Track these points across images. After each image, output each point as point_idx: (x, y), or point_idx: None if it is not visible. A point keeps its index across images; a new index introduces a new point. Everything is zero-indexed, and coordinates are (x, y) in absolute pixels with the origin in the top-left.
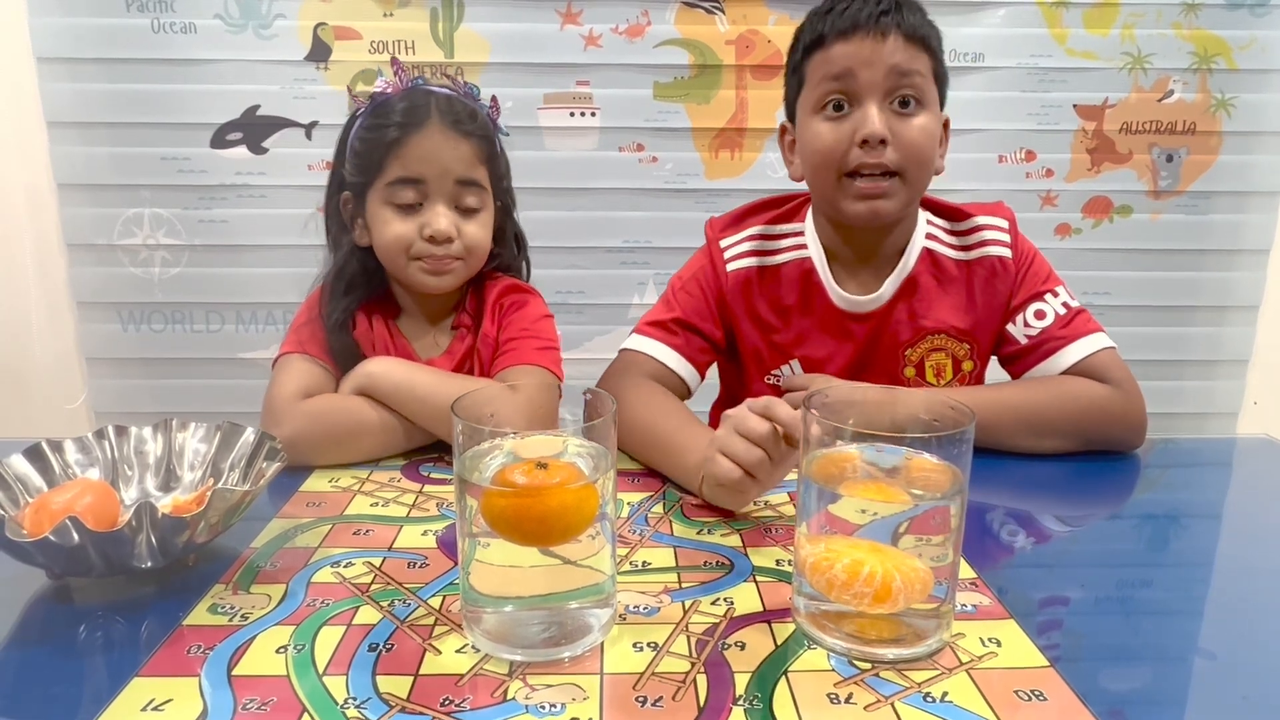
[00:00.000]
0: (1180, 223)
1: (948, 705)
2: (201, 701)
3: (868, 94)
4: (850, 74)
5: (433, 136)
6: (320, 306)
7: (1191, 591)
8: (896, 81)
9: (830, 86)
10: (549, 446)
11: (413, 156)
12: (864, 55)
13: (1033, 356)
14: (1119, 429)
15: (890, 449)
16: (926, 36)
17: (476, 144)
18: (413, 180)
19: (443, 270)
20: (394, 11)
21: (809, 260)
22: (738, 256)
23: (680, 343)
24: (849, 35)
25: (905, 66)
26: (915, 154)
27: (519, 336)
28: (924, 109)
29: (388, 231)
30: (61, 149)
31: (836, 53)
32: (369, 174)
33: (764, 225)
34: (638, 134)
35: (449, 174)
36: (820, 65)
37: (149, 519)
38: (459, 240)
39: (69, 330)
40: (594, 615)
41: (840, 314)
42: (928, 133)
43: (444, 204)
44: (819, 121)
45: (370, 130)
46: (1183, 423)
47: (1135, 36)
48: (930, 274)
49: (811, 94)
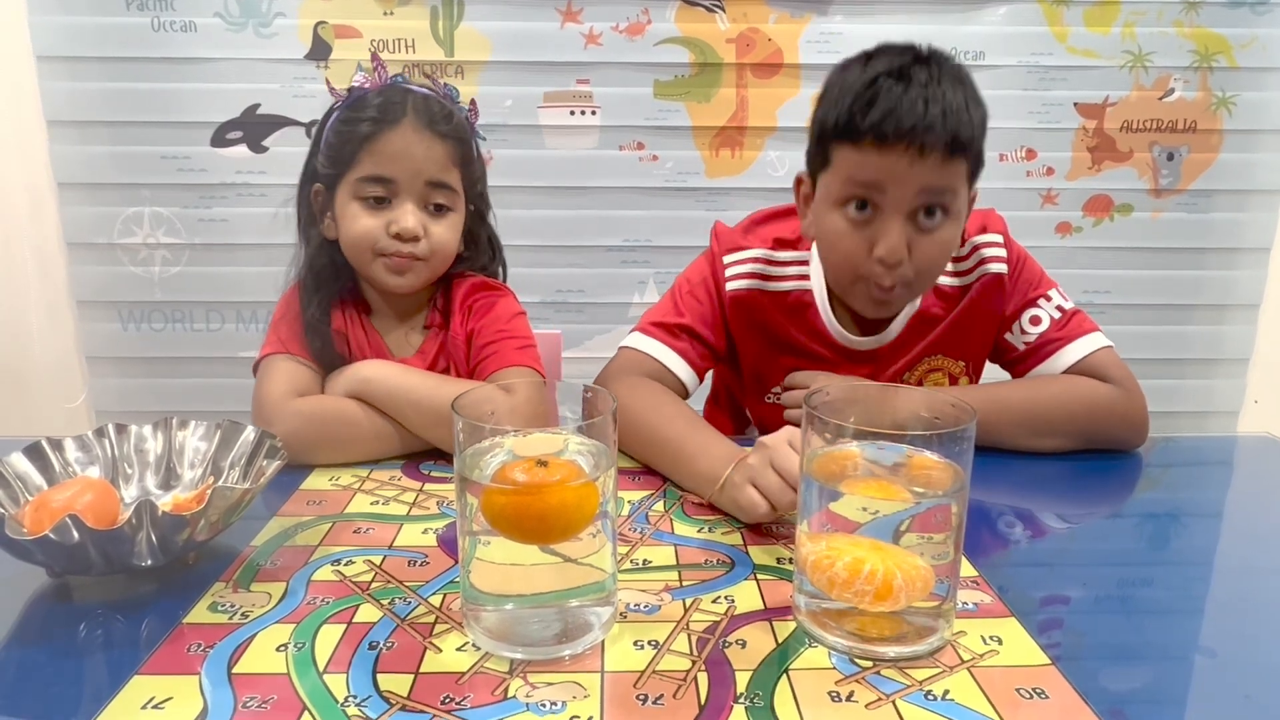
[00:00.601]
0: (1181, 221)
1: (949, 703)
2: (202, 700)
3: (893, 209)
4: (878, 185)
5: (406, 135)
6: (300, 302)
7: (1192, 590)
8: (926, 199)
9: (856, 190)
10: (550, 444)
11: (385, 153)
12: (897, 172)
13: (1032, 360)
14: (1120, 427)
15: (892, 447)
16: (969, 141)
17: (450, 146)
18: (383, 177)
19: (404, 269)
20: (394, 10)
21: (810, 294)
22: (738, 276)
23: (683, 347)
24: (885, 147)
25: (938, 185)
26: (929, 268)
27: (497, 339)
28: (950, 219)
29: (354, 226)
30: (61, 148)
31: (869, 160)
32: (340, 166)
33: (768, 249)
34: (638, 132)
35: (420, 174)
36: (849, 162)
37: (149, 517)
38: (425, 240)
39: (69, 329)
40: (595, 613)
41: (842, 351)
42: (947, 247)
43: (413, 202)
44: (839, 217)
45: (345, 123)
46: (1183, 421)
47: (1136, 35)
48: (936, 307)
49: (835, 184)
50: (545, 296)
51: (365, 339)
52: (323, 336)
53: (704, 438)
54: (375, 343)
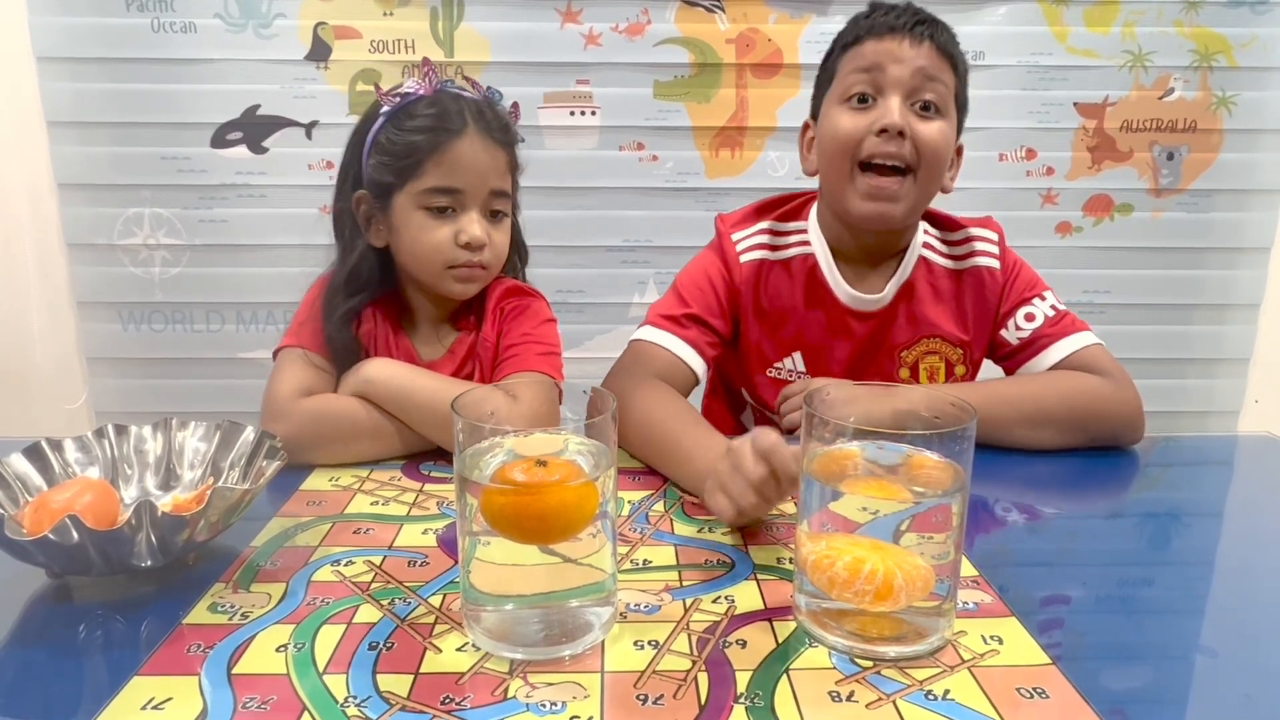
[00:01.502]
0: (1181, 221)
1: (949, 703)
2: (201, 700)
3: (892, 89)
4: (879, 67)
5: (472, 144)
6: (324, 303)
7: (1193, 589)
8: (921, 83)
9: (858, 78)
10: (550, 445)
11: (452, 163)
12: (894, 52)
13: (1023, 354)
14: (1113, 419)
15: (892, 446)
16: (955, 58)
17: (508, 153)
18: (452, 189)
19: (473, 278)
20: (394, 10)
21: (813, 256)
22: (750, 249)
23: (692, 336)
24: (883, 35)
25: (932, 72)
26: (930, 152)
27: (521, 342)
28: (943, 117)
29: (425, 238)
30: (61, 149)
31: (868, 48)
32: (402, 176)
33: (772, 221)
34: (638, 133)
35: (485, 183)
36: (851, 60)
37: (149, 518)
38: (489, 248)
39: (69, 330)
40: (595, 613)
41: (844, 310)
42: (944, 136)
43: (478, 210)
44: (842, 111)
45: (404, 131)
46: (1184, 421)
47: (1136, 34)
48: (926, 280)
49: (839, 85)
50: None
51: (393, 341)
52: (344, 339)
53: (698, 437)
54: (403, 345)
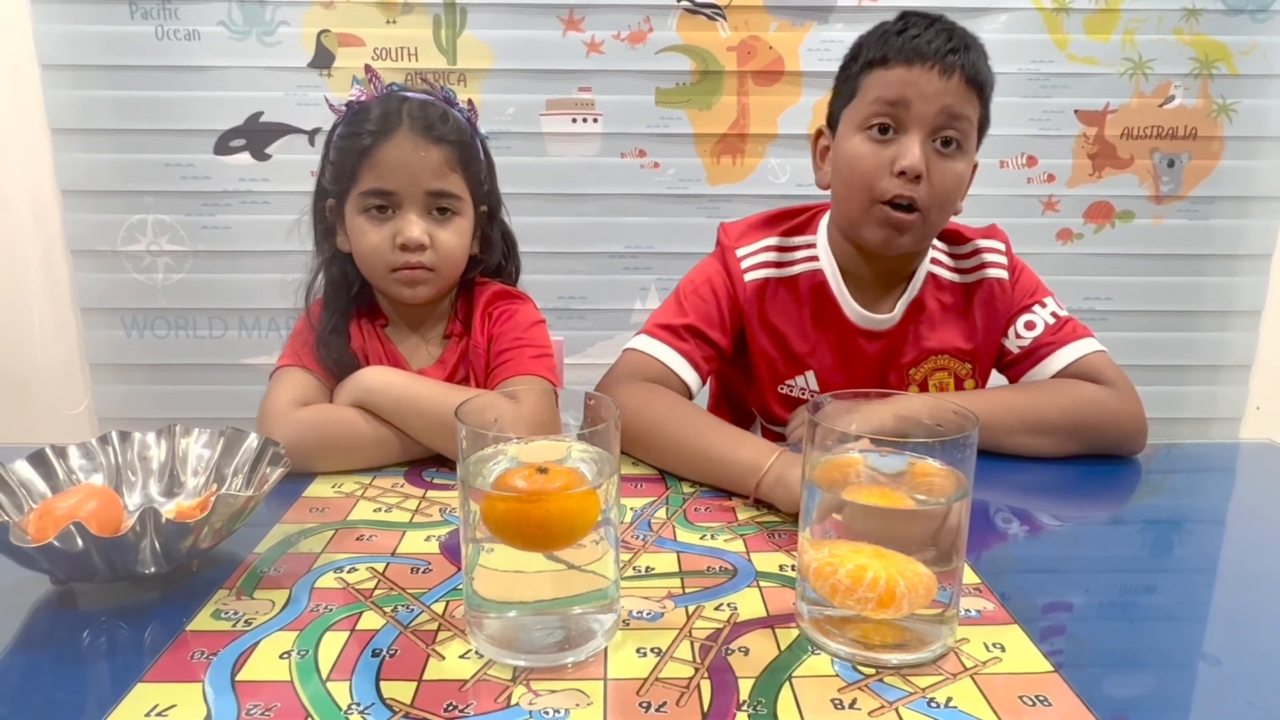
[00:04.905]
0: (1182, 228)
1: (952, 711)
2: (205, 707)
3: (915, 125)
4: (903, 103)
5: (402, 144)
6: (318, 318)
7: (1195, 597)
8: (945, 121)
9: (881, 108)
10: (552, 452)
11: (382, 165)
12: (921, 86)
13: (1025, 363)
14: (1116, 428)
15: (894, 454)
16: (984, 84)
17: (448, 150)
18: (383, 190)
19: (416, 281)
20: (396, 19)
21: (821, 274)
22: (755, 267)
23: (688, 348)
24: (913, 63)
25: (957, 110)
26: (943, 197)
27: (513, 346)
28: (963, 154)
29: (364, 241)
30: (65, 155)
31: (896, 76)
32: (344, 182)
33: (779, 237)
34: (640, 140)
35: (419, 182)
36: (877, 84)
37: (153, 524)
38: (432, 249)
39: (73, 336)
40: (597, 620)
41: (854, 330)
42: (960, 180)
43: (416, 212)
44: (862, 140)
45: (345, 139)
46: (1186, 428)
47: (1136, 42)
48: (934, 297)
49: (861, 109)
50: (547, 303)
51: (382, 351)
52: (336, 349)
53: (732, 434)
54: (392, 354)
